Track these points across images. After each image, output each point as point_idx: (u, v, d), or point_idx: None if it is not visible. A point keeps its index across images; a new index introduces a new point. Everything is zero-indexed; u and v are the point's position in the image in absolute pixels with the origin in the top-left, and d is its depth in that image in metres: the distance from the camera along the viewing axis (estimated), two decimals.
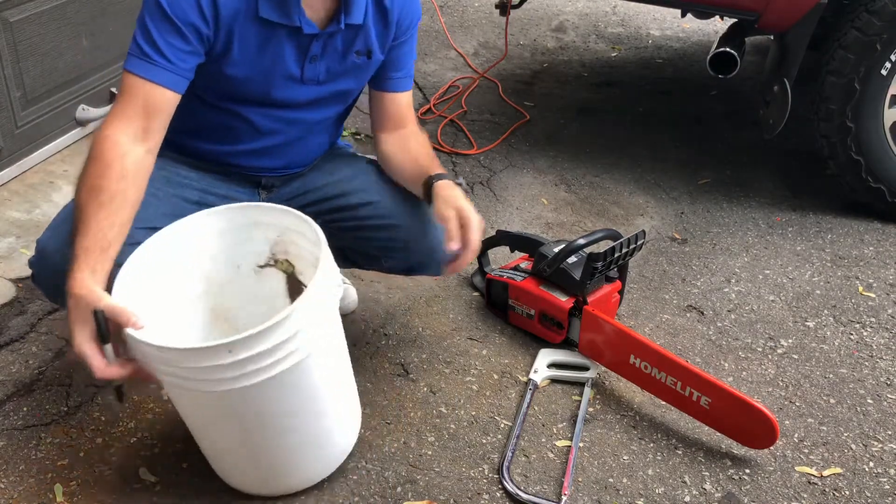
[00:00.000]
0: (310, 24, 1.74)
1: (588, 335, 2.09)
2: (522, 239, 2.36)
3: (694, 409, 1.92)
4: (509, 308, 2.24)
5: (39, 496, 1.73)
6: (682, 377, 1.90)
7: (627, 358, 1.99)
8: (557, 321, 2.14)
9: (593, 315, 2.08)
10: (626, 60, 4.19)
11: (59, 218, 1.74)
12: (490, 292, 2.30)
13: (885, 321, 2.36)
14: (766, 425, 1.80)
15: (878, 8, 2.57)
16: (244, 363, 1.45)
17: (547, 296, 2.15)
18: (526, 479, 1.82)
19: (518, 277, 2.22)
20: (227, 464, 1.73)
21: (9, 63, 2.65)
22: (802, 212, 2.91)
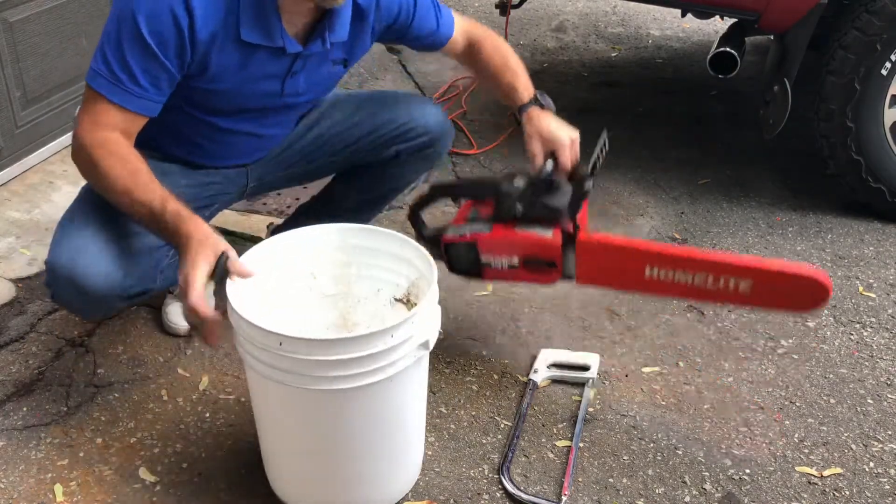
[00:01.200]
0: (293, 43, 1.73)
1: (588, 264, 1.87)
2: (468, 185, 2.10)
3: (734, 298, 1.77)
4: (483, 266, 1.93)
5: (39, 496, 1.73)
6: (714, 269, 1.74)
7: (642, 272, 1.81)
8: (548, 261, 1.88)
9: (591, 241, 1.86)
10: (626, 60, 4.19)
11: (59, 233, 1.74)
12: (451, 258, 1.97)
13: (885, 321, 2.36)
14: (814, 287, 1.71)
15: (878, 8, 2.57)
16: (360, 362, 1.48)
17: (529, 238, 1.87)
18: (526, 479, 1.82)
19: (484, 229, 1.90)
20: (292, 472, 1.70)
21: (9, 63, 2.65)
22: (802, 212, 2.91)
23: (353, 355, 1.47)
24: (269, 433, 1.68)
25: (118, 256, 1.71)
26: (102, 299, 1.72)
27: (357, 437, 1.60)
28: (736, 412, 2.02)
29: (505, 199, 1.87)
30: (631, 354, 2.21)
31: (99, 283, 1.68)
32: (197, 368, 2.09)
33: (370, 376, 1.50)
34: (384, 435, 1.62)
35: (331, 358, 1.46)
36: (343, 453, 1.62)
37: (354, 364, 1.47)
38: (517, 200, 1.85)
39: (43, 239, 2.53)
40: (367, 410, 1.56)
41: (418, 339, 1.54)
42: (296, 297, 1.81)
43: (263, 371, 1.52)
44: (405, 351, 1.52)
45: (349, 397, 1.52)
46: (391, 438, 1.64)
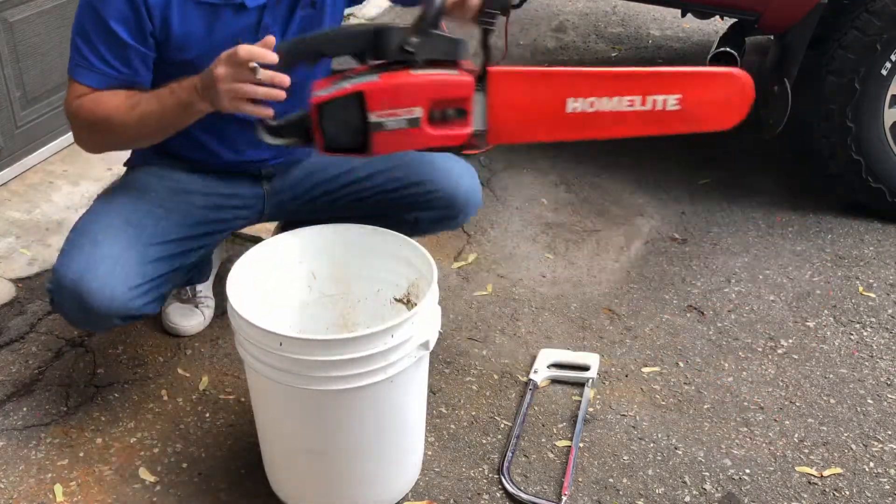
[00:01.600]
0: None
1: (503, 108, 1.57)
2: (334, 36, 1.60)
3: (663, 122, 1.61)
4: (372, 130, 1.52)
5: (39, 496, 1.73)
6: (642, 86, 1.56)
7: (563, 107, 1.55)
8: (459, 109, 1.54)
9: (507, 71, 1.55)
10: (626, 60, 4.19)
11: (71, 243, 1.75)
12: (327, 125, 1.54)
13: (885, 321, 2.36)
14: (737, 83, 1.59)
15: (878, 8, 2.57)
16: (360, 362, 1.48)
17: (435, 76, 1.51)
18: (526, 479, 1.82)
19: (370, 78, 1.51)
20: (292, 472, 1.70)
21: (9, 63, 2.65)
22: (802, 212, 2.90)
23: (352, 355, 1.47)
24: (269, 433, 1.68)
25: (127, 279, 1.71)
26: (103, 319, 1.72)
27: (357, 437, 1.60)
28: (736, 412, 2.02)
29: (392, 35, 1.51)
30: (631, 354, 2.21)
31: (103, 305, 1.68)
32: (197, 368, 2.09)
33: (370, 377, 1.50)
34: (384, 435, 1.62)
35: (331, 358, 1.46)
36: (343, 453, 1.62)
37: (354, 364, 1.48)
38: (411, 32, 1.51)
39: (43, 239, 2.53)
40: (367, 411, 1.56)
41: (418, 339, 1.54)
42: (296, 297, 1.81)
43: (263, 371, 1.52)
44: (405, 351, 1.52)
45: (349, 397, 1.52)
46: (391, 439, 1.64)
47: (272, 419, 1.65)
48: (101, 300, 1.67)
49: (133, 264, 1.72)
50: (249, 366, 1.58)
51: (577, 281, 2.51)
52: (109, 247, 1.71)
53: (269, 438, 1.69)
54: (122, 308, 1.71)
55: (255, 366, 1.54)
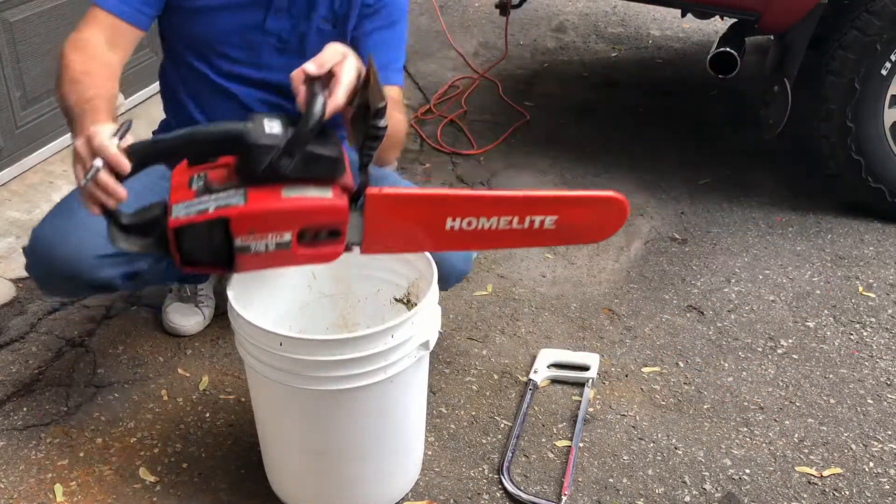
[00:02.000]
0: None
1: (379, 226, 1.50)
2: (193, 139, 1.39)
3: (540, 238, 1.59)
4: (237, 252, 1.39)
5: (39, 496, 1.73)
6: (518, 209, 1.54)
7: (443, 224, 1.52)
8: (333, 230, 1.43)
9: (385, 195, 1.46)
10: (626, 60, 4.19)
11: (54, 209, 1.77)
12: (186, 248, 1.39)
13: (885, 321, 2.36)
14: (616, 207, 1.63)
15: (878, 8, 2.57)
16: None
17: (308, 202, 1.38)
18: (526, 479, 1.82)
19: (234, 200, 1.36)
20: (292, 472, 1.70)
21: (9, 63, 2.65)
22: (802, 212, 2.90)
23: (353, 355, 1.47)
24: (268, 433, 1.69)
25: (97, 248, 1.70)
26: (69, 283, 1.74)
27: (357, 437, 1.60)
28: (736, 412, 2.02)
29: (259, 152, 1.35)
30: (631, 354, 2.21)
31: (69, 269, 1.69)
32: (197, 368, 2.09)
33: (370, 377, 1.50)
34: (384, 435, 1.62)
35: (331, 358, 1.46)
36: (343, 453, 1.62)
37: (354, 364, 1.48)
38: (282, 154, 1.35)
39: None
40: (367, 411, 1.56)
41: (418, 339, 1.54)
42: (296, 297, 1.81)
43: (263, 371, 1.52)
44: (405, 351, 1.52)
45: (349, 397, 1.52)
46: (391, 438, 1.64)
47: (272, 419, 1.65)
48: (67, 264, 1.69)
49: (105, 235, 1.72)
50: (249, 366, 1.58)
51: (577, 281, 2.51)
52: (86, 216, 1.71)
53: (268, 438, 1.70)
54: (88, 275, 1.71)
55: (255, 366, 1.54)
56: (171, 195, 1.39)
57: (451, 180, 3.04)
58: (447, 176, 3.07)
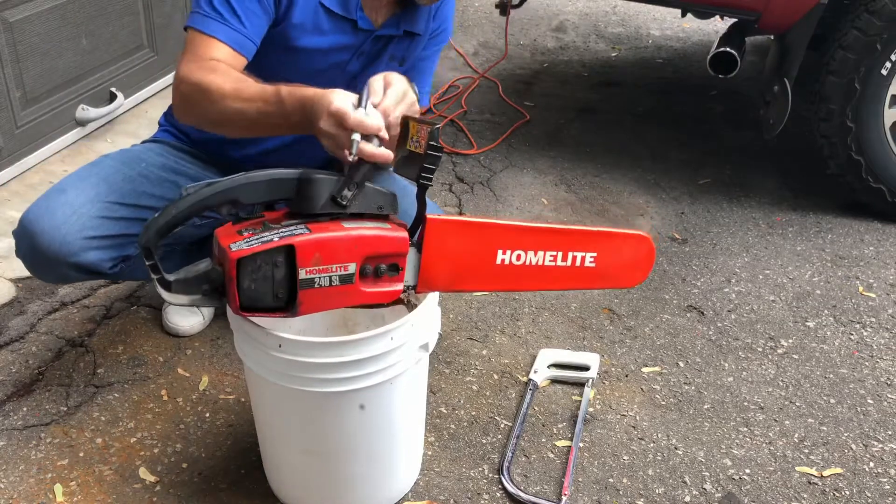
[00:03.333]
0: (365, 20, 1.78)
1: (437, 258, 1.52)
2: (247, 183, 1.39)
3: (578, 277, 1.64)
4: (301, 287, 1.37)
5: (39, 496, 1.73)
6: (562, 244, 1.60)
7: (494, 258, 1.56)
8: (393, 264, 1.45)
9: (444, 222, 1.50)
10: (626, 60, 4.19)
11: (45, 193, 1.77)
12: (247, 284, 1.36)
13: (885, 321, 2.36)
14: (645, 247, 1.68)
15: (878, 8, 2.57)
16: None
17: (371, 232, 1.40)
18: (526, 479, 1.82)
19: (298, 231, 1.37)
20: (292, 472, 1.70)
21: (9, 63, 2.65)
22: (802, 212, 2.90)
23: (352, 357, 1.47)
24: (267, 434, 1.69)
25: (83, 229, 1.71)
26: (53, 263, 1.73)
27: (356, 438, 1.60)
28: (736, 412, 2.02)
29: (322, 186, 1.39)
30: (631, 354, 2.21)
31: (53, 248, 1.70)
32: (197, 368, 2.09)
33: (369, 378, 1.50)
34: (383, 436, 1.62)
35: (330, 360, 1.46)
36: (342, 455, 1.62)
37: (354, 367, 1.48)
38: (344, 185, 1.39)
39: None
40: (366, 412, 1.56)
41: (418, 341, 1.54)
42: None
43: (262, 373, 1.52)
44: (405, 353, 1.52)
45: (348, 399, 1.52)
46: (390, 440, 1.64)
47: (271, 420, 1.65)
48: (51, 243, 1.69)
49: (93, 216, 1.73)
50: (249, 368, 1.58)
51: None
52: (75, 196, 1.74)
53: (268, 439, 1.70)
54: (72, 255, 1.71)
55: (254, 367, 1.53)
56: (224, 241, 1.37)
57: (451, 180, 3.04)
58: (447, 176, 3.07)
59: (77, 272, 1.77)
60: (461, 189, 2.99)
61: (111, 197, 1.77)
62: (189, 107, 1.61)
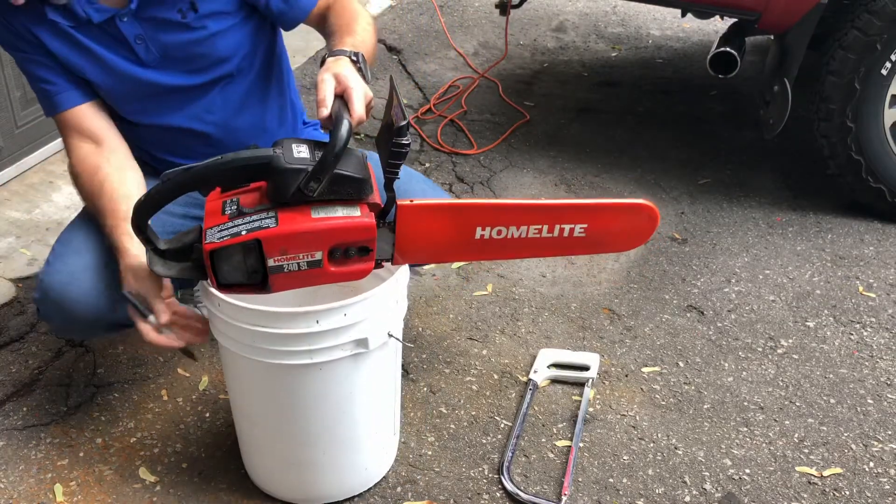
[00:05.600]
0: (100, 10, 1.65)
1: (410, 237, 1.56)
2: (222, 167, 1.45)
3: (569, 246, 1.64)
4: (271, 272, 1.46)
5: (39, 496, 1.73)
6: (548, 218, 1.59)
7: (473, 234, 1.58)
8: (362, 247, 1.49)
9: (415, 207, 1.53)
10: (626, 60, 4.19)
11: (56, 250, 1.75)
12: (221, 269, 1.46)
13: (885, 321, 2.36)
14: (646, 214, 1.64)
15: (878, 8, 2.57)
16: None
17: (337, 221, 1.45)
18: (526, 479, 1.82)
19: (267, 222, 1.43)
20: (266, 456, 1.73)
21: (9, 63, 2.65)
22: (802, 212, 2.90)
23: (277, 331, 1.49)
24: (233, 407, 1.75)
25: (110, 289, 1.70)
26: (88, 328, 1.75)
27: (298, 418, 1.63)
28: (736, 412, 2.02)
29: (287, 176, 1.42)
30: (631, 354, 2.21)
31: (88, 314, 1.69)
32: (197, 368, 2.09)
33: (294, 357, 1.52)
34: (325, 423, 1.64)
35: (260, 329, 1.50)
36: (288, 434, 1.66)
37: (278, 340, 1.50)
38: (311, 177, 1.42)
39: (43, 239, 2.53)
40: (302, 393, 1.59)
41: (353, 334, 1.53)
42: None
43: (218, 336, 1.59)
44: (335, 342, 1.52)
45: (281, 376, 1.56)
46: (332, 428, 1.65)
47: (230, 389, 1.73)
48: (85, 310, 1.68)
49: (117, 273, 1.71)
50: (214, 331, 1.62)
51: (577, 281, 2.51)
52: (93, 257, 1.71)
53: (233, 413, 1.76)
54: (106, 317, 1.71)
55: (212, 329, 1.60)
56: (206, 220, 1.46)
57: (451, 180, 3.04)
58: (447, 176, 3.07)
59: (110, 330, 1.79)
60: (461, 189, 2.99)
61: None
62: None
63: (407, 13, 4.55)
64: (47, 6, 1.62)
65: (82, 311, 1.68)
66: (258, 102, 1.89)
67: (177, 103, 1.80)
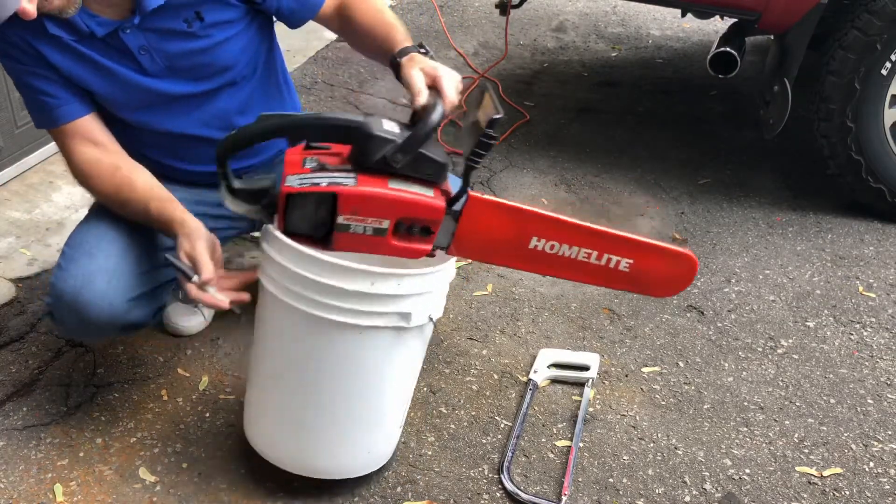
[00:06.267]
0: (103, 23, 1.64)
1: (470, 231, 1.60)
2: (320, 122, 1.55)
3: (612, 278, 1.68)
4: (337, 230, 1.50)
5: (39, 496, 1.73)
6: (599, 245, 1.63)
7: (527, 242, 1.62)
8: (426, 227, 1.54)
9: (484, 201, 1.57)
10: (626, 60, 4.19)
11: (67, 254, 1.75)
12: (292, 214, 1.51)
13: (885, 321, 2.36)
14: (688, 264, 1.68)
15: (878, 8, 2.57)
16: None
17: (412, 196, 1.50)
18: (526, 479, 1.82)
19: (346, 181, 1.48)
20: (277, 419, 1.71)
21: None
22: (802, 212, 2.90)
23: (334, 283, 1.49)
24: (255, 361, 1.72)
25: (125, 291, 1.72)
26: (103, 330, 1.75)
27: (323, 380, 1.62)
28: (736, 412, 2.02)
29: (376, 142, 1.48)
30: (631, 354, 2.21)
31: (103, 317, 1.69)
32: (197, 368, 2.09)
33: (340, 314, 1.51)
34: (349, 392, 1.64)
35: (314, 278, 1.49)
36: (309, 393, 1.65)
37: (332, 293, 1.50)
38: (399, 149, 1.48)
39: (43, 239, 2.53)
40: (337, 355, 1.59)
41: (400, 306, 1.54)
42: None
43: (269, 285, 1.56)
44: (382, 308, 1.53)
45: (324, 332, 1.55)
46: (356, 401, 1.65)
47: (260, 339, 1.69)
48: (100, 313, 1.68)
49: (129, 276, 1.73)
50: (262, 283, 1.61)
51: None
52: (105, 259, 1.72)
53: (258, 371, 1.72)
54: (121, 319, 1.72)
55: (265, 281, 1.58)
56: (286, 168, 1.51)
57: None
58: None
59: (123, 331, 1.80)
60: None
61: (136, 250, 1.77)
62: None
63: (407, 13, 4.55)
64: (47, 21, 1.61)
65: (97, 313, 1.68)
66: (261, 103, 1.89)
67: (183, 110, 1.81)
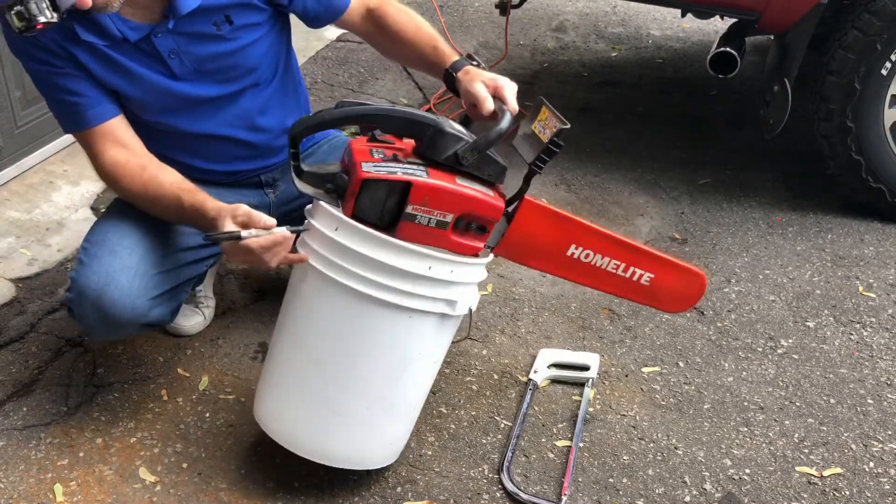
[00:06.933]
0: (136, 28, 1.66)
1: (520, 234, 1.71)
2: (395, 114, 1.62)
3: (630, 289, 1.80)
4: (404, 218, 1.56)
5: (39, 496, 1.73)
6: (628, 258, 1.75)
7: (566, 250, 1.72)
8: (482, 225, 1.63)
9: (537, 206, 1.70)
10: (626, 60, 4.19)
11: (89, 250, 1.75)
12: (363, 200, 1.55)
13: (885, 321, 2.36)
14: (699, 283, 1.83)
15: (878, 8, 2.57)
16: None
17: (477, 193, 1.59)
18: (526, 479, 1.82)
19: (419, 173, 1.56)
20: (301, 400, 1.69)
21: (9, 63, 2.65)
22: (802, 212, 2.90)
23: (388, 261, 1.51)
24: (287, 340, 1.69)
25: (147, 290, 1.73)
26: (124, 328, 1.76)
27: (360, 362, 1.62)
28: (736, 412, 2.02)
29: (449, 139, 1.58)
30: (631, 354, 2.21)
31: (125, 315, 1.71)
32: (197, 368, 2.09)
33: (393, 295, 1.54)
34: (383, 376, 1.64)
35: (369, 254, 1.52)
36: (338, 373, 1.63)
37: (388, 273, 1.52)
38: (470, 148, 1.58)
39: (43, 239, 2.53)
40: (377, 336, 1.59)
41: (450, 293, 1.57)
42: None
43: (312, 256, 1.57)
44: (434, 293, 1.55)
45: (369, 310, 1.56)
46: (386, 387, 1.65)
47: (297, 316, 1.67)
48: (122, 311, 1.70)
49: (151, 274, 1.75)
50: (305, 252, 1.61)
51: None
52: (128, 256, 1.73)
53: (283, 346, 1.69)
54: (142, 318, 1.74)
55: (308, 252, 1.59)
56: (357, 156, 1.58)
57: None
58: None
59: (142, 329, 1.82)
60: None
61: (158, 250, 1.78)
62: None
63: None
64: (79, 27, 1.63)
65: (119, 311, 1.70)
66: (279, 103, 1.93)
67: (209, 112, 1.83)
